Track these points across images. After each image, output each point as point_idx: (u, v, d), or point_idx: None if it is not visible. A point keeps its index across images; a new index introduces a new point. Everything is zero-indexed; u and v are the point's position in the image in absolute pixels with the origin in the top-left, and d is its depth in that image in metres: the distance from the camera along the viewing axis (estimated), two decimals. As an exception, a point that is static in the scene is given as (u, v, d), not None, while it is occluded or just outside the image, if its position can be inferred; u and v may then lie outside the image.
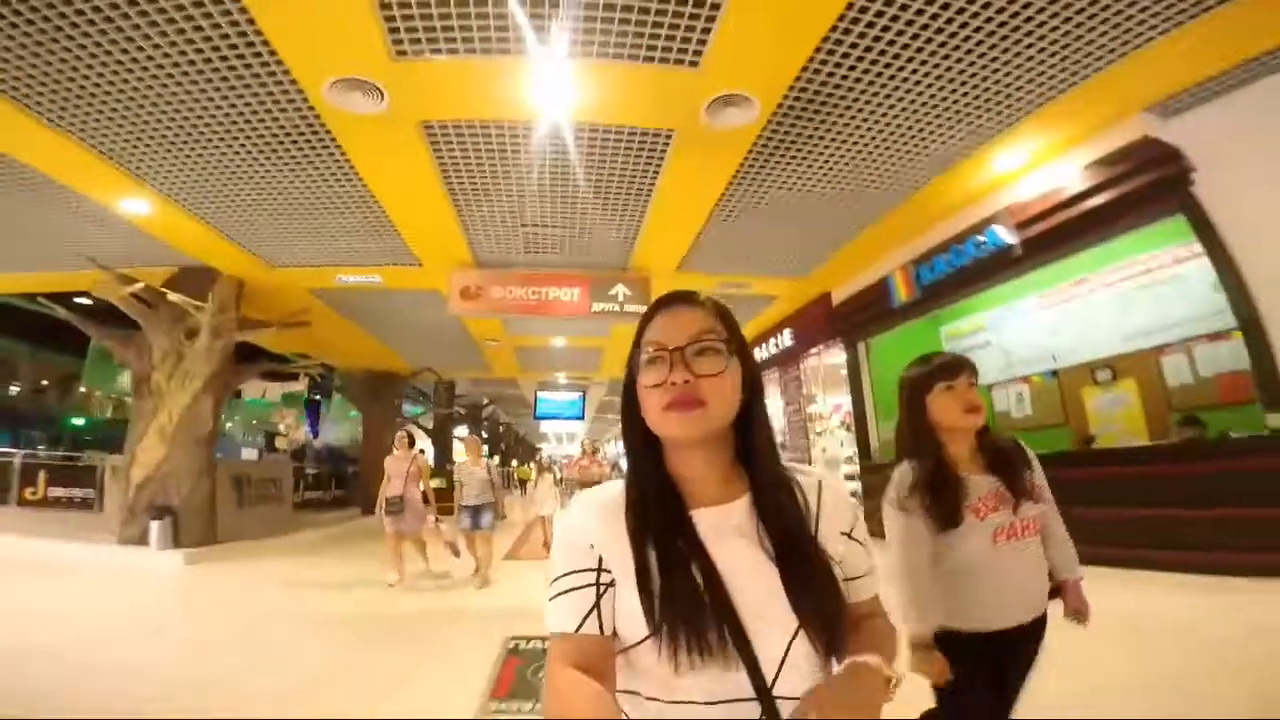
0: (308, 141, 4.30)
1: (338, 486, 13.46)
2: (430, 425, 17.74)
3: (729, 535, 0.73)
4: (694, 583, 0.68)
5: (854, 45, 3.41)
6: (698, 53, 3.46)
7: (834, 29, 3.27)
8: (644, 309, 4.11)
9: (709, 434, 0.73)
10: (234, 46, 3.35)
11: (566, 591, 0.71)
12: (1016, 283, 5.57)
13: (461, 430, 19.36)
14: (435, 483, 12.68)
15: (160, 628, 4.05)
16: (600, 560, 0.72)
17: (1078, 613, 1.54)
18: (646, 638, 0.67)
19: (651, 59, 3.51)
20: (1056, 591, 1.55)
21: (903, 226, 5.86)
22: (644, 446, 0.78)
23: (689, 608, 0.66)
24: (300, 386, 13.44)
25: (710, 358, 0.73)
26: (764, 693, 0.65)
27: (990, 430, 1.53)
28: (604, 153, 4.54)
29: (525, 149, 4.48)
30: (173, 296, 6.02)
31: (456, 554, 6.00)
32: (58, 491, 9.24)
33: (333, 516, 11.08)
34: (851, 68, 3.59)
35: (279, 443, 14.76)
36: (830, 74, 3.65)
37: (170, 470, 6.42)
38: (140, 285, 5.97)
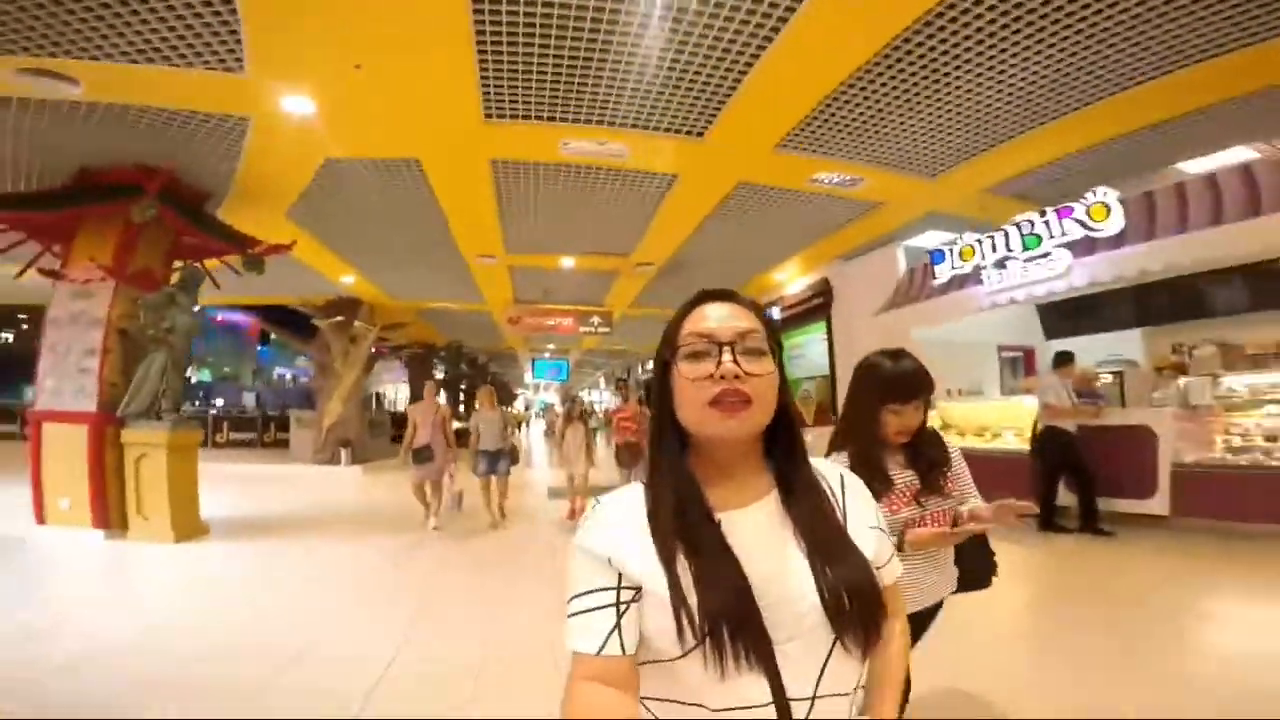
0: (454, 267, 9.38)
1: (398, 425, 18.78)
2: (443, 379, 23.11)
3: (759, 539, 0.71)
4: (732, 591, 0.65)
5: (712, 231, 8.43)
6: (629, 250, 8.70)
7: (698, 229, 8.21)
8: (609, 331, 10.98)
9: (751, 435, 0.72)
10: (435, 236, 8.44)
11: (586, 611, 0.68)
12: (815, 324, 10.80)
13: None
14: (456, 425, 18.03)
15: (371, 494, 9.40)
16: (620, 576, 0.69)
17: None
18: (688, 651, 0.64)
19: (618, 255, 8.78)
20: (964, 584, 1.65)
21: (743, 295, 11.34)
22: (674, 446, 0.75)
23: (731, 617, 0.63)
24: (399, 363, 19.09)
25: (758, 359, 0.72)
26: (804, 696, 0.65)
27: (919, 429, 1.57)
28: (586, 274, 9.85)
29: (556, 274, 9.76)
30: (358, 324, 11.08)
31: (458, 506, 6.34)
32: (235, 436, 14.28)
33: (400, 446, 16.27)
34: (707, 242, 8.70)
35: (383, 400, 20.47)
36: (695, 246, 8.79)
37: (347, 419, 11.61)
38: (340, 319, 11.03)
